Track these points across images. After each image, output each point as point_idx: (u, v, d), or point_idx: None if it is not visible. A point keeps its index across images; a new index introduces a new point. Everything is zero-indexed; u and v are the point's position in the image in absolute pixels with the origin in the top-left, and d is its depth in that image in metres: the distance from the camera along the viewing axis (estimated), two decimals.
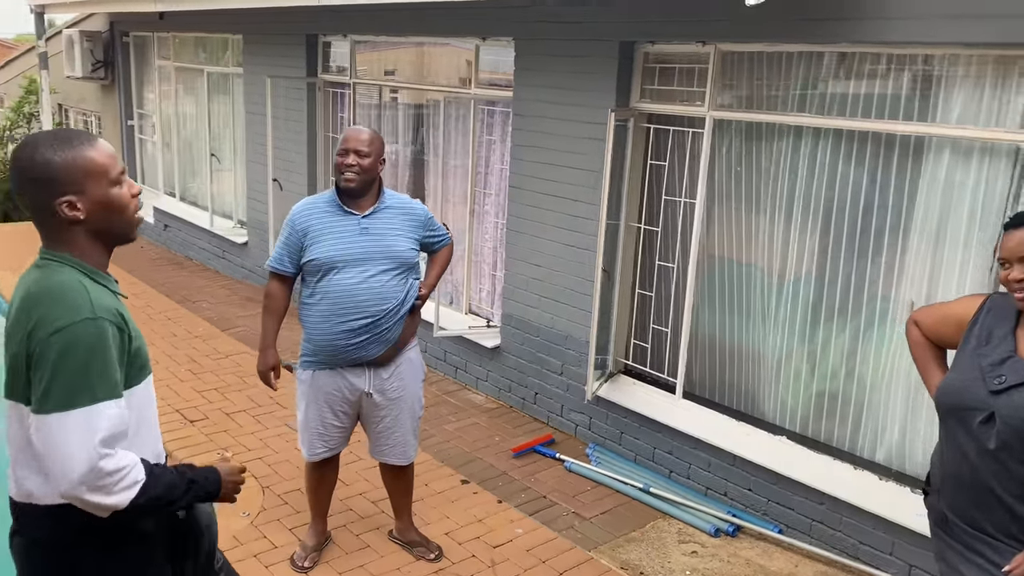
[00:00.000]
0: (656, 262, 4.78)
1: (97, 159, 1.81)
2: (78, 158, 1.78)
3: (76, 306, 1.71)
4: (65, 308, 1.70)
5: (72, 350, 1.68)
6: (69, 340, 1.68)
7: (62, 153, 1.77)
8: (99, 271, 1.85)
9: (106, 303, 1.76)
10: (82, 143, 1.80)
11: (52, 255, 1.81)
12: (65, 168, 1.77)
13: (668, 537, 4.09)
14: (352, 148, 3.29)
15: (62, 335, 1.68)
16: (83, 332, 1.69)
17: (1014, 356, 2.16)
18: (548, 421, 5.30)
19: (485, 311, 5.96)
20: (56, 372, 1.68)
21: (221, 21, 7.88)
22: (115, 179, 1.84)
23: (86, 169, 1.79)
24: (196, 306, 7.42)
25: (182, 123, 9.37)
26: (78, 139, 1.81)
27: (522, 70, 5.11)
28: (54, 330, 1.68)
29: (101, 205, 1.81)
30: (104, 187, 1.81)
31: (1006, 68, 3.35)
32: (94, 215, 1.81)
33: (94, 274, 1.82)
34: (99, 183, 1.80)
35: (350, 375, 3.41)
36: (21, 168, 1.77)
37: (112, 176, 1.83)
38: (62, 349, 1.68)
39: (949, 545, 2.31)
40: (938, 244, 3.65)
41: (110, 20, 10.08)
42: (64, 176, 1.77)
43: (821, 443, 4.17)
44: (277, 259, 3.40)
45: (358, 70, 6.75)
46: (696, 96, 4.39)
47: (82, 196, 1.79)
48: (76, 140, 1.80)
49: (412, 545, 3.81)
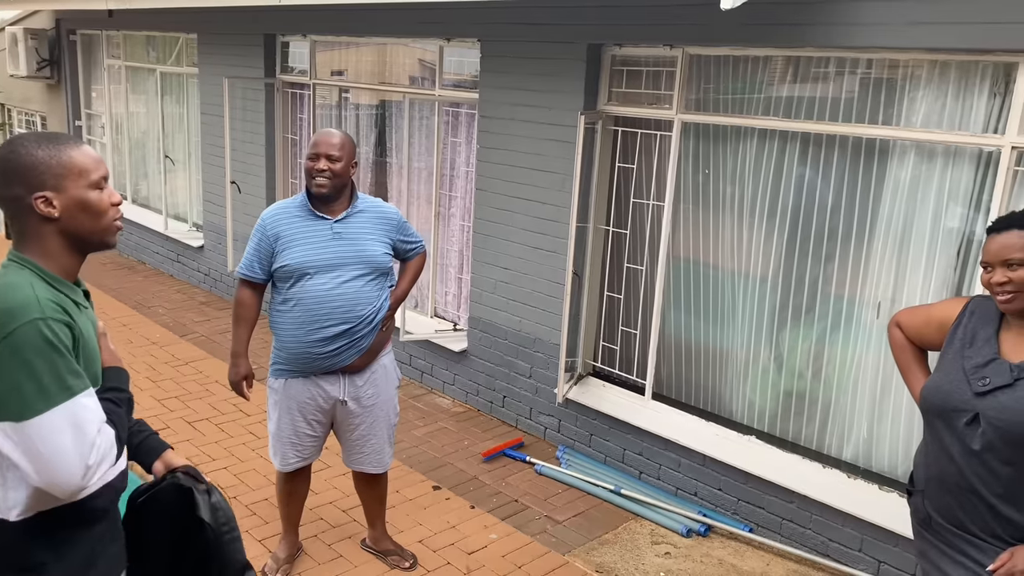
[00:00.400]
0: (624, 264, 4.79)
1: (78, 159, 1.79)
2: (60, 156, 1.77)
3: (24, 308, 1.66)
4: (11, 311, 1.65)
5: (28, 349, 1.63)
6: (21, 342, 1.63)
7: (45, 150, 1.76)
8: (62, 279, 1.79)
9: (56, 305, 1.72)
10: (67, 143, 1.80)
11: (17, 257, 1.78)
12: (46, 164, 1.75)
13: (641, 539, 4.11)
14: (323, 153, 3.23)
15: (13, 338, 1.63)
16: (34, 330, 1.65)
17: (998, 358, 2.20)
18: (517, 424, 5.28)
19: (451, 314, 5.92)
20: (19, 377, 1.63)
21: (174, 20, 7.71)
22: (95, 182, 1.81)
23: (67, 167, 1.77)
24: (151, 312, 7.25)
25: (133, 124, 9.14)
26: (64, 140, 1.80)
27: (488, 72, 5.09)
28: (4, 335, 1.63)
29: (77, 206, 1.78)
30: (82, 188, 1.79)
31: (968, 73, 3.43)
32: (68, 215, 1.78)
33: (55, 281, 1.77)
34: (77, 183, 1.78)
35: (324, 383, 3.35)
36: (4, 160, 1.75)
37: (92, 179, 1.80)
38: (18, 351, 1.63)
39: (933, 545, 2.35)
40: (903, 246, 3.73)
41: (56, 18, 9.79)
42: (44, 171, 1.75)
43: (789, 442, 4.23)
44: (247, 265, 3.32)
45: (318, 71, 6.65)
46: (664, 99, 4.41)
47: (59, 194, 1.76)
48: (61, 140, 1.80)
49: (386, 554, 3.77)
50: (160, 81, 8.26)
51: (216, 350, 6.33)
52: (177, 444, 4.74)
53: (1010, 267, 2.17)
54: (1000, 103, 3.36)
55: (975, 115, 3.43)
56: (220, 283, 7.80)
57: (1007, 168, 3.32)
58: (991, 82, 3.38)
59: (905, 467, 3.83)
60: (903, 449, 3.84)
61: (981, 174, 3.47)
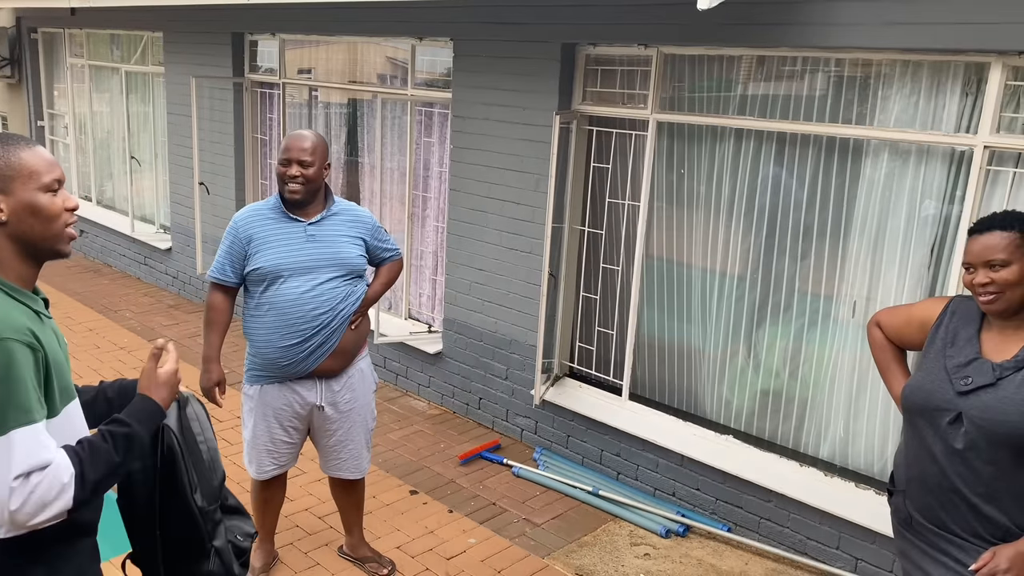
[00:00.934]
0: (600, 264, 4.78)
1: (28, 161, 1.72)
2: (8, 156, 1.71)
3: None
4: None
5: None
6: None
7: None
8: (18, 287, 1.71)
9: (15, 322, 1.63)
10: (17, 144, 1.73)
11: None
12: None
13: (620, 540, 4.09)
14: (295, 158, 3.16)
15: None
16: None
17: (980, 358, 2.21)
18: (493, 426, 5.25)
19: (425, 316, 5.87)
20: None
21: (139, 18, 7.56)
22: (46, 185, 1.74)
23: (15, 168, 1.70)
24: (118, 316, 7.11)
25: (97, 124, 8.97)
26: (14, 141, 1.73)
27: (461, 71, 5.04)
28: None
29: (26, 209, 1.71)
30: (31, 191, 1.72)
31: (940, 73, 3.45)
32: (16, 219, 1.70)
33: (11, 290, 1.69)
34: (26, 186, 1.71)
35: (300, 388, 3.29)
36: None
37: (43, 182, 1.73)
38: None
39: (914, 544, 2.36)
40: (878, 244, 3.75)
41: (17, 16, 9.57)
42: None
43: (766, 441, 4.24)
44: (219, 269, 3.25)
45: (288, 70, 6.56)
46: (639, 98, 4.40)
47: (6, 197, 1.70)
48: (11, 141, 1.73)
49: (364, 561, 3.72)
50: (125, 80, 8.10)
51: (186, 354, 6.21)
52: None
53: (992, 268, 2.18)
54: (972, 103, 3.38)
55: (948, 115, 3.46)
56: (189, 286, 7.68)
57: (979, 167, 3.35)
58: (963, 82, 3.40)
59: (881, 465, 3.86)
60: (879, 447, 3.86)
61: (954, 173, 3.50)
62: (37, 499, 1.60)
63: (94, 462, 1.69)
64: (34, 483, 1.60)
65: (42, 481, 1.60)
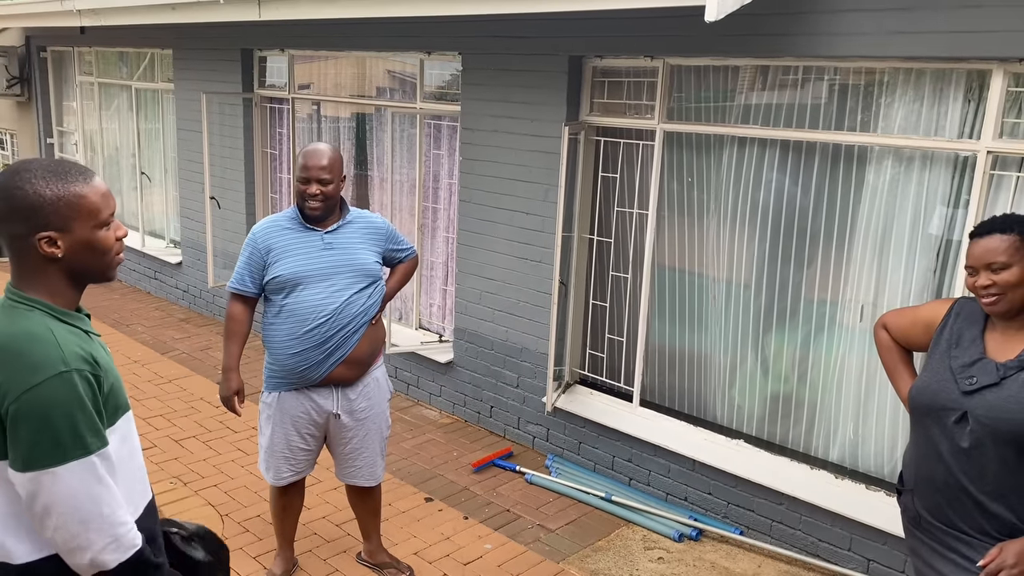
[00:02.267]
0: (609, 273, 4.84)
1: (89, 198, 1.72)
2: (68, 195, 1.69)
3: (46, 360, 1.62)
4: (35, 363, 1.62)
5: (49, 407, 1.61)
6: (44, 398, 1.60)
7: (53, 186, 1.68)
8: (69, 311, 1.76)
9: (75, 350, 1.68)
10: (76, 179, 1.71)
11: (20, 297, 1.71)
12: (53, 203, 1.67)
13: (634, 544, 4.14)
14: (314, 177, 3.23)
15: (35, 393, 1.60)
16: (57, 388, 1.62)
17: (984, 358, 2.27)
18: (505, 434, 5.30)
19: (436, 326, 5.93)
20: (38, 430, 1.60)
21: (149, 36, 7.66)
22: (103, 221, 1.75)
23: (75, 207, 1.70)
24: (131, 330, 7.18)
25: (107, 141, 9.06)
26: (73, 174, 1.72)
27: (469, 84, 5.12)
28: (27, 388, 1.60)
29: (83, 246, 1.73)
30: (89, 228, 1.72)
31: (943, 80, 3.52)
32: (73, 255, 1.72)
33: (64, 315, 1.73)
34: (85, 224, 1.72)
35: (317, 396, 3.35)
36: (8, 195, 1.67)
37: (101, 218, 1.74)
38: (39, 408, 1.60)
39: (923, 542, 2.41)
40: (884, 250, 3.81)
41: (26, 35, 9.69)
42: (50, 211, 1.67)
43: (777, 445, 4.29)
44: (239, 279, 3.32)
45: (297, 85, 6.65)
46: (646, 109, 4.47)
47: (64, 234, 1.70)
48: (71, 175, 1.71)
49: (382, 567, 3.76)
50: (134, 97, 8.21)
51: (199, 367, 6.28)
52: (164, 463, 4.70)
53: (993, 270, 2.24)
54: (975, 109, 3.45)
55: (951, 121, 3.52)
56: (199, 299, 7.75)
57: (983, 172, 3.41)
58: (966, 89, 3.47)
59: (891, 466, 3.90)
60: (888, 449, 3.91)
61: (958, 178, 3.56)
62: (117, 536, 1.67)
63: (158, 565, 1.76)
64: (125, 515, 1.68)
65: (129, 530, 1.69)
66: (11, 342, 1.64)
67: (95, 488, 1.64)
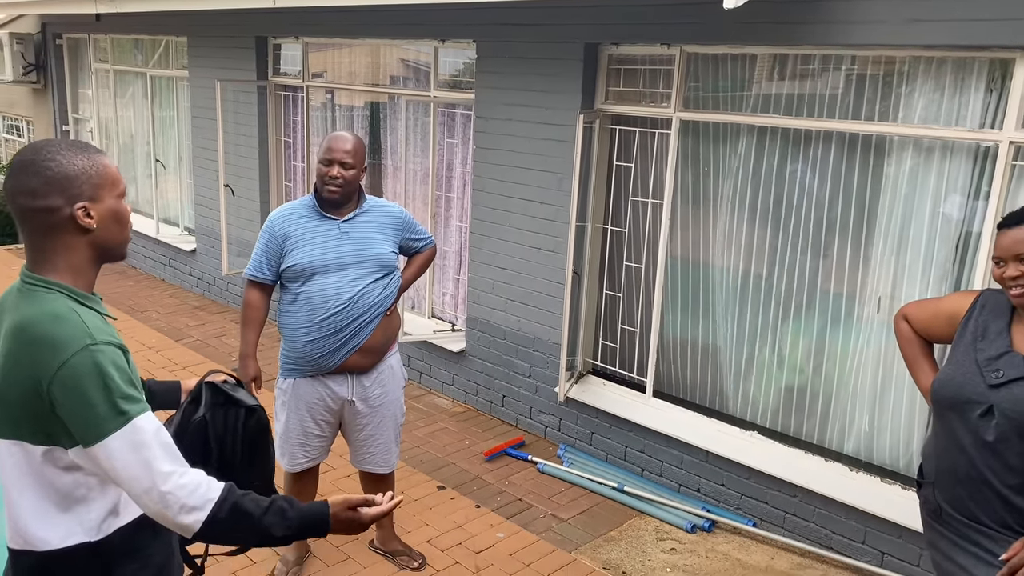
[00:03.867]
0: (624, 263, 4.82)
1: (111, 168, 1.77)
2: (97, 164, 1.74)
3: (73, 337, 1.62)
4: (62, 341, 1.62)
5: (82, 380, 1.60)
6: (77, 372, 1.60)
7: (83, 157, 1.72)
8: (88, 295, 1.76)
9: (100, 325, 1.69)
10: (98, 152, 1.77)
11: (40, 281, 1.70)
12: (86, 172, 1.71)
13: (646, 535, 4.13)
14: (337, 160, 3.24)
15: (67, 368, 1.60)
16: (87, 360, 1.61)
17: (1011, 351, 2.24)
18: (517, 423, 5.30)
19: (448, 315, 5.92)
20: (78, 405, 1.60)
21: (164, 23, 7.67)
22: (122, 192, 1.80)
23: (103, 176, 1.74)
24: (145, 317, 7.21)
25: (122, 128, 9.09)
26: (93, 149, 1.77)
27: (484, 72, 5.10)
28: (59, 366, 1.60)
29: (112, 216, 1.75)
30: (115, 198, 1.76)
31: (965, 69, 3.47)
32: (103, 226, 1.74)
33: (84, 299, 1.73)
34: (112, 193, 1.75)
35: (332, 383, 3.35)
36: (40, 169, 1.68)
37: (121, 188, 1.79)
38: (72, 382, 1.60)
39: (943, 535, 2.38)
40: (902, 241, 3.77)
41: (42, 22, 9.72)
42: (84, 180, 1.70)
43: (791, 437, 4.26)
44: (255, 267, 3.33)
45: (311, 73, 6.64)
46: (662, 97, 4.44)
47: (96, 204, 1.73)
48: (92, 149, 1.76)
49: (395, 554, 3.77)
50: (149, 84, 8.22)
51: (213, 354, 6.30)
52: None
53: (1022, 261, 2.20)
54: (997, 98, 3.40)
55: (972, 111, 3.48)
56: (213, 287, 7.77)
57: (1005, 163, 3.37)
58: (988, 78, 3.42)
59: (906, 460, 3.88)
60: (904, 441, 3.88)
61: (979, 169, 3.52)
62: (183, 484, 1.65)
63: (242, 503, 1.70)
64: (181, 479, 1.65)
65: (189, 480, 1.65)
66: (36, 325, 1.64)
67: (145, 453, 1.62)
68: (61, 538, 1.71)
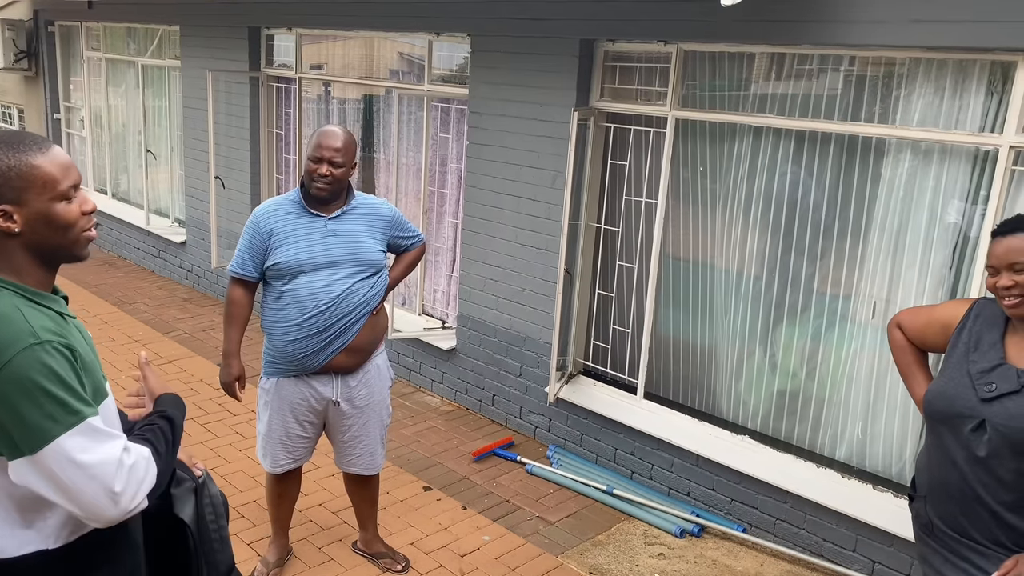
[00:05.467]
0: (616, 262, 4.75)
1: (43, 168, 1.63)
2: (21, 165, 1.60)
3: (15, 337, 1.54)
4: (5, 341, 1.53)
5: (25, 382, 1.52)
6: (17, 374, 1.52)
7: (5, 157, 1.60)
8: (41, 291, 1.67)
9: (46, 325, 1.60)
10: (29, 149, 1.63)
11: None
12: (4, 175, 1.59)
13: (634, 539, 4.07)
14: (326, 158, 3.15)
15: (8, 371, 1.52)
16: (30, 360, 1.53)
17: (1004, 363, 2.17)
18: (506, 423, 5.24)
19: (439, 312, 5.86)
20: (20, 409, 1.52)
21: (156, 11, 7.58)
22: (62, 193, 1.66)
23: (28, 178, 1.61)
24: (133, 309, 7.13)
25: (114, 117, 8.99)
26: (27, 144, 1.63)
27: (478, 67, 5.02)
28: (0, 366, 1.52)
29: (42, 220, 1.63)
30: (45, 200, 1.63)
31: (966, 71, 3.41)
32: (32, 230, 1.63)
33: (34, 295, 1.65)
34: (40, 195, 1.62)
35: (316, 383, 3.28)
36: None
37: (59, 189, 1.65)
38: (14, 385, 1.52)
39: (935, 551, 2.33)
40: (899, 245, 3.71)
41: (34, 8, 9.61)
42: (2, 182, 1.59)
43: (783, 442, 4.21)
44: (239, 263, 3.25)
45: (304, 64, 6.56)
46: (658, 95, 4.37)
47: (20, 207, 1.61)
48: (24, 145, 1.63)
49: (378, 556, 3.71)
50: (141, 74, 8.13)
51: (200, 348, 6.23)
52: None
53: (1016, 271, 2.14)
54: (998, 102, 3.34)
55: (972, 114, 3.42)
56: (203, 279, 7.69)
57: (1005, 167, 3.30)
58: (989, 81, 3.36)
59: (899, 467, 3.82)
60: (897, 449, 3.83)
61: (978, 173, 3.45)
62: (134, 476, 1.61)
63: (156, 439, 1.74)
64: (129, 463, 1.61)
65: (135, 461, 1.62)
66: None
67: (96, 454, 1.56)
68: (16, 547, 1.64)
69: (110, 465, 1.57)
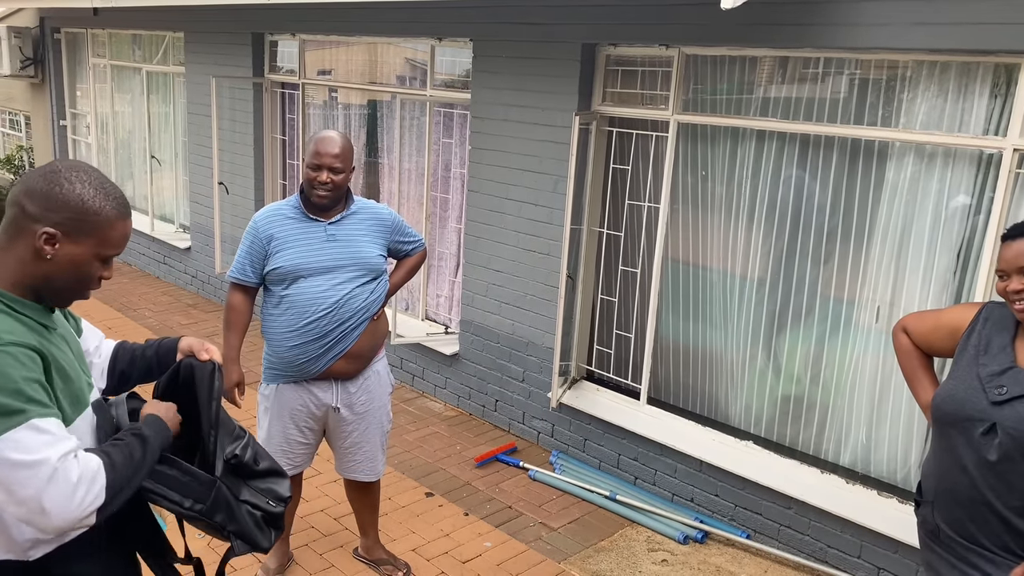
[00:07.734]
0: (619, 267, 4.73)
1: (115, 231, 1.67)
2: (103, 216, 1.65)
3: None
4: None
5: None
6: None
7: (95, 200, 1.64)
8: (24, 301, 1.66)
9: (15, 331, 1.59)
10: (117, 207, 1.67)
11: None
12: (83, 211, 1.63)
13: (637, 546, 4.05)
14: (326, 165, 3.14)
15: None
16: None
17: (1015, 367, 2.14)
18: (509, 429, 5.22)
19: (442, 317, 5.85)
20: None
21: (161, 18, 7.60)
22: (105, 256, 1.70)
23: (99, 229, 1.65)
24: (137, 315, 7.14)
25: (119, 123, 9.02)
26: (119, 202, 1.68)
27: (480, 72, 5.02)
28: None
29: (72, 263, 1.66)
30: (90, 253, 1.66)
31: (969, 74, 3.39)
32: (56, 262, 1.64)
33: (16, 304, 1.64)
34: (91, 247, 1.66)
35: (316, 389, 3.27)
36: (51, 180, 1.62)
37: (106, 253, 1.69)
38: None
39: (941, 557, 2.30)
40: (902, 249, 3.68)
41: (40, 16, 9.66)
42: (75, 215, 1.62)
43: (787, 447, 4.18)
44: (239, 269, 3.24)
45: (307, 70, 6.57)
46: (660, 99, 4.36)
47: (67, 241, 1.63)
48: (117, 201, 1.68)
49: (379, 563, 3.69)
50: (146, 80, 8.15)
51: None
52: None
53: None
54: (1001, 105, 3.32)
55: (976, 117, 3.39)
56: (207, 285, 7.70)
57: (1009, 170, 3.28)
58: (992, 83, 3.34)
59: (904, 473, 3.79)
60: (902, 454, 3.80)
61: (982, 176, 3.43)
62: (68, 483, 1.53)
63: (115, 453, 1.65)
64: (67, 467, 1.54)
65: (71, 466, 1.54)
66: None
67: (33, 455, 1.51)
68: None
69: (44, 467, 1.51)
